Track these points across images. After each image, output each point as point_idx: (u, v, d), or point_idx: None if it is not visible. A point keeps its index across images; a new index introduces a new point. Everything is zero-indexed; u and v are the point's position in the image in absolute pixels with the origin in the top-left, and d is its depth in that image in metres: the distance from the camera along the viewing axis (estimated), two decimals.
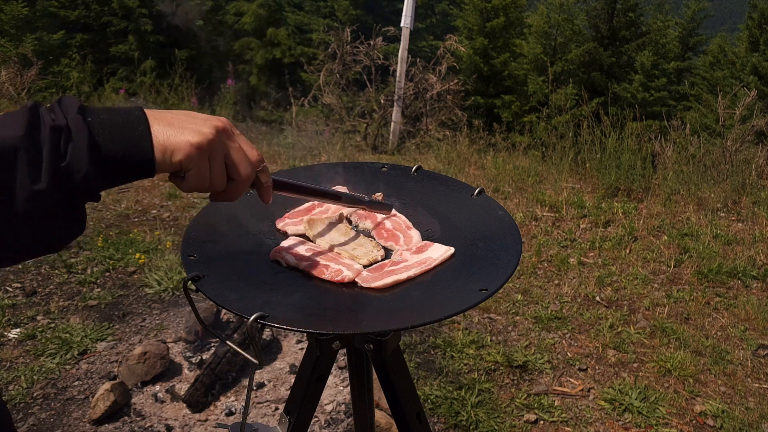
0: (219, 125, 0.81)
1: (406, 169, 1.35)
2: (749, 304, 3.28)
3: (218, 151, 0.80)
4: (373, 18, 11.28)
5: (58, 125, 0.69)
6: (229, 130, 0.83)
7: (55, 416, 2.28)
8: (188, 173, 0.78)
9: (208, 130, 0.79)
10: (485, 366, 2.67)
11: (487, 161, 5.58)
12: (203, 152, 0.78)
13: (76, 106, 0.72)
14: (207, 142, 0.78)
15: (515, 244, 1.05)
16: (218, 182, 0.82)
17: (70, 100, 0.73)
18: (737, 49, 11.69)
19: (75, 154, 0.69)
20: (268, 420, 2.28)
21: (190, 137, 0.77)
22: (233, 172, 0.83)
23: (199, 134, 0.77)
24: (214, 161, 0.80)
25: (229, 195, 0.85)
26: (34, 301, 2.98)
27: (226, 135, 0.82)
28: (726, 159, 5.29)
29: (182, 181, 0.80)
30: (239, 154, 0.83)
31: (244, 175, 0.84)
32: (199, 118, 0.81)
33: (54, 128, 0.69)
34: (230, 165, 0.82)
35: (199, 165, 0.78)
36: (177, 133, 0.77)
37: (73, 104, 0.72)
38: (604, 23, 11.25)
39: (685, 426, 2.42)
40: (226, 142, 0.81)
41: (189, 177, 0.79)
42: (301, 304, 0.94)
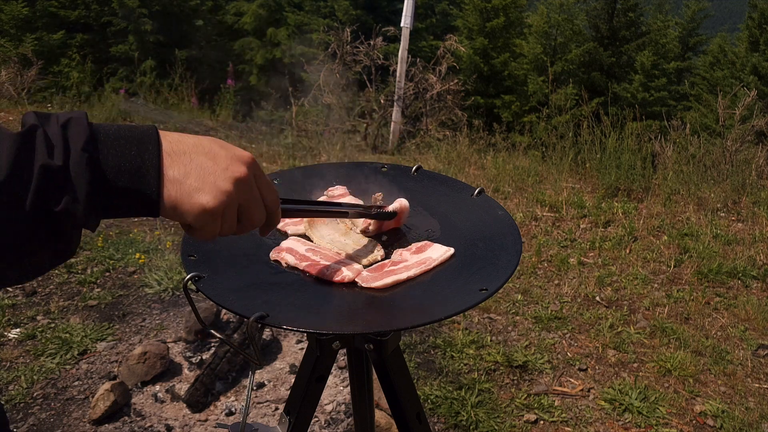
0: (240, 176, 0.73)
1: (406, 169, 1.35)
2: (749, 304, 3.28)
3: (234, 203, 0.73)
4: (373, 18, 11.28)
5: (54, 166, 0.59)
6: (250, 177, 0.74)
7: (55, 416, 2.28)
8: (197, 231, 0.73)
9: (227, 188, 0.71)
10: (485, 366, 2.67)
11: (487, 161, 5.58)
12: (215, 216, 0.71)
13: (83, 138, 0.61)
14: (223, 206, 0.71)
15: (515, 244, 1.05)
16: (228, 232, 0.76)
17: (77, 126, 0.62)
18: (737, 49, 11.69)
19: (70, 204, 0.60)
20: (268, 420, 2.28)
21: (205, 200, 0.69)
22: (244, 218, 0.77)
23: (215, 197, 0.69)
24: (226, 216, 0.73)
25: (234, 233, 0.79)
26: (34, 301, 2.98)
27: (246, 186, 0.74)
28: (726, 159, 5.29)
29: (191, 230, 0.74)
30: (255, 204, 0.76)
31: (255, 222, 0.78)
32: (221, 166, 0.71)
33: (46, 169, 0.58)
34: (243, 214, 0.76)
35: (210, 224, 0.72)
36: (192, 191, 0.68)
37: (81, 134, 0.62)
38: (604, 23, 11.25)
39: (685, 426, 2.42)
40: (244, 195, 0.74)
41: (197, 233, 0.73)
42: (301, 304, 0.94)
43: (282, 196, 1.25)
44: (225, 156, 0.73)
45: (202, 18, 13.60)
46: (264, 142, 6.12)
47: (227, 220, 0.74)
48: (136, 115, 6.45)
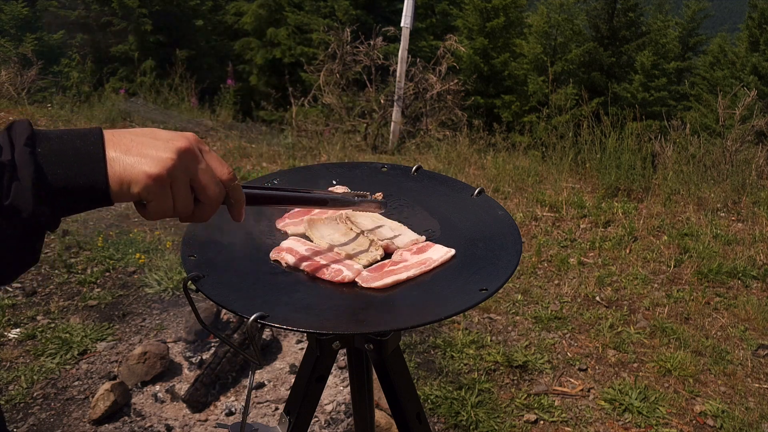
0: (182, 146, 0.75)
1: (406, 169, 1.35)
2: (749, 304, 3.28)
3: (181, 177, 0.74)
4: (373, 18, 11.28)
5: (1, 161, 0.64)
6: (194, 150, 0.76)
7: (55, 416, 2.28)
8: (149, 204, 0.74)
9: (169, 155, 0.72)
10: (485, 366, 2.67)
11: (487, 161, 5.58)
12: (163, 182, 0.72)
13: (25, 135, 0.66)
14: (166, 171, 0.72)
15: (515, 244, 1.05)
16: (184, 208, 0.76)
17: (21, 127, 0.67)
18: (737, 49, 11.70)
19: (19, 192, 0.64)
20: (268, 420, 2.28)
21: (148, 167, 0.71)
22: (200, 194, 0.77)
23: (157, 163, 0.72)
24: (177, 188, 0.74)
25: (198, 217, 0.80)
26: (34, 301, 2.98)
27: (191, 157, 0.75)
28: (726, 159, 5.29)
29: (144, 210, 0.75)
30: (206, 175, 0.77)
31: (212, 197, 0.78)
32: (161, 140, 0.74)
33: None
34: (197, 188, 0.77)
35: (160, 195, 0.73)
36: (134, 162, 0.71)
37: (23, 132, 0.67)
38: (604, 23, 11.26)
39: (685, 426, 2.42)
40: (190, 165, 0.75)
41: (150, 207, 0.74)
42: (301, 304, 0.94)
43: None
44: (166, 134, 0.76)
45: (202, 18, 13.60)
46: (264, 142, 6.12)
47: (179, 194, 0.75)
48: (136, 115, 6.46)
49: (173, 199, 0.74)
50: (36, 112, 6.39)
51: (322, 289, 0.97)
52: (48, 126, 5.89)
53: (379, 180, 1.32)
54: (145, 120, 6.34)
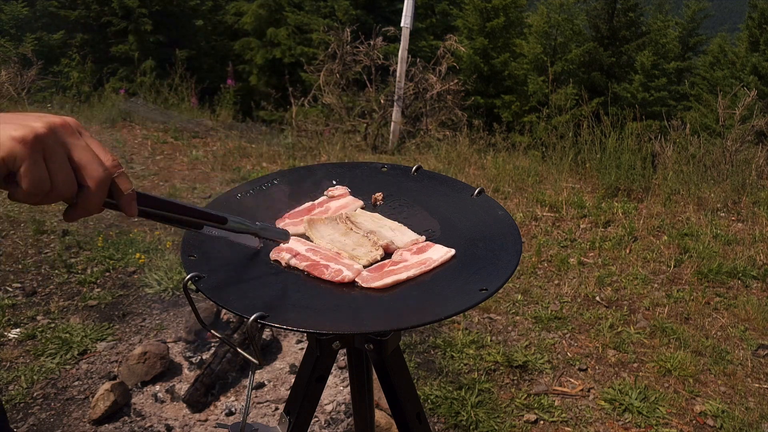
0: (57, 121, 0.71)
1: (406, 169, 1.35)
2: (749, 304, 3.28)
3: (55, 148, 0.70)
4: (373, 18, 11.27)
5: None
6: (72, 127, 0.73)
7: (55, 416, 2.28)
8: (19, 173, 0.68)
9: (39, 125, 0.69)
10: (485, 366, 2.67)
11: (487, 161, 5.58)
12: (30, 147, 0.67)
13: None
14: (34, 135, 0.67)
15: (515, 244, 1.05)
16: (63, 186, 0.71)
17: None
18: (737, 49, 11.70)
19: None
20: (268, 420, 2.28)
21: (13, 131, 0.67)
22: (82, 175, 0.72)
23: (24, 128, 0.67)
24: (51, 161, 0.69)
25: (84, 205, 0.74)
26: (34, 301, 2.98)
27: (67, 131, 0.71)
28: (726, 159, 5.29)
29: (16, 187, 0.69)
30: (87, 153, 0.73)
31: (95, 177, 0.73)
32: (33, 115, 0.71)
33: None
34: (77, 167, 0.72)
35: (29, 163, 0.67)
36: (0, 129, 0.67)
37: None
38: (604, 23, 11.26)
39: (685, 426, 2.42)
40: (66, 139, 0.71)
41: (21, 178, 0.68)
42: (301, 304, 0.94)
43: (281, 197, 1.25)
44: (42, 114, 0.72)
45: (202, 18, 13.60)
46: (264, 142, 6.12)
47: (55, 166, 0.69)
48: (136, 114, 6.46)
49: (49, 173, 0.69)
50: (36, 112, 6.38)
51: (322, 289, 0.97)
52: None
53: (379, 180, 1.32)
54: (145, 120, 6.33)
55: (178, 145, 5.73)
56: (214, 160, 5.24)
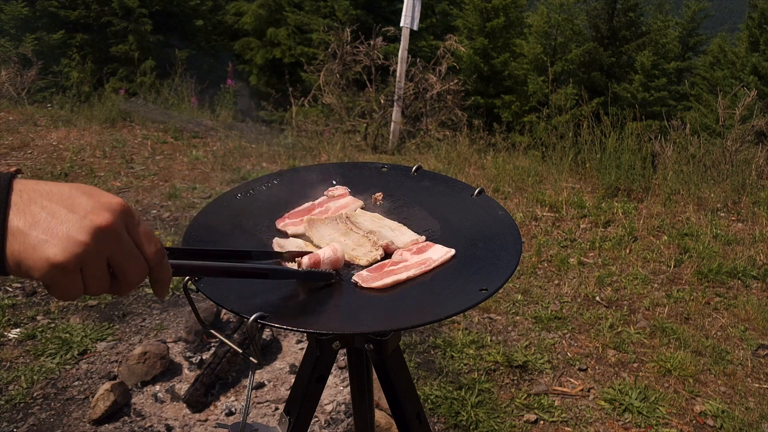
0: (102, 224, 0.62)
1: (406, 169, 1.35)
2: (749, 304, 3.28)
3: (96, 259, 0.63)
4: (373, 18, 11.28)
5: None
6: (117, 227, 0.64)
7: (55, 416, 2.28)
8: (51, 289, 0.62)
9: (82, 239, 0.61)
10: (485, 366, 2.67)
11: (487, 161, 5.58)
12: (69, 271, 0.61)
13: None
14: (75, 258, 0.60)
15: (515, 244, 1.05)
16: (96, 291, 0.65)
17: None
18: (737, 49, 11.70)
19: None
20: (268, 420, 2.28)
21: (52, 253, 0.59)
22: (119, 274, 0.67)
23: (65, 250, 0.60)
24: (88, 272, 0.63)
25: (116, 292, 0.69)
26: (34, 301, 2.98)
27: (112, 236, 0.64)
28: (726, 159, 5.29)
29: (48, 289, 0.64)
30: (128, 257, 0.66)
31: (130, 279, 0.67)
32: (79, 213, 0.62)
33: None
34: (115, 267, 0.66)
35: (63, 283, 0.62)
36: (37, 243, 0.59)
37: None
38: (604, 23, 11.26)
39: (685, 426, 2.42)
40: (109, 246, 0.64)
41: (53, 293, 0.63)
42: (301, 304, 0.94)
43: (280, 198, 1.25)
44: (86, 203, 0.63)
45: (202, 18, 13.60)
46: (264, 142, 6.12)
47: (92, 277, 0.64)
48: (136, 114, 6.45)
49: (84, 282, 0.64)
50: (36, 112, 6.39)
51: (322, 289, 0.97)
52: (48, 125, 5.89)
53: (379, 180, 1.32)
54: (145, 120, 6.33)
55: (178, 145, 5.73)
56: (214, 160, 5.24)
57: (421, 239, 1.10)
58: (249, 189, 1.27)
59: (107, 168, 4.86)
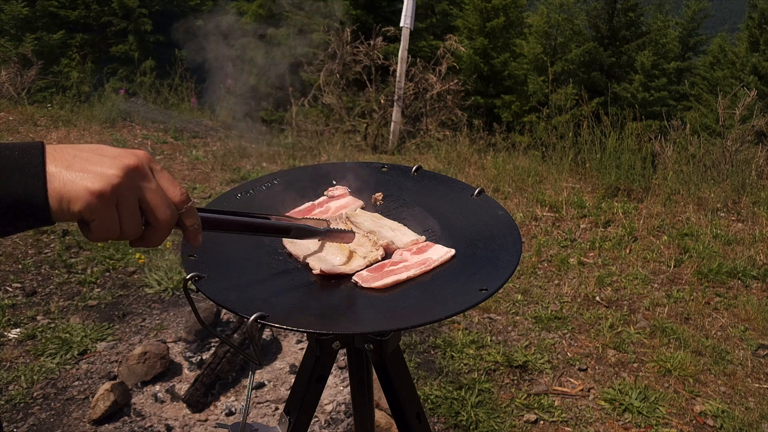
0: (131, 164, 0.70)
1: (406, 169, 1.35)
2: (749, 304, 3.28)
3: (128, 195, 0.70)
4: (373, 18, 11.27)
5: None
6: (144, 167, 0.72)
7: (55, 416, 2.28)
8: (92, 224, 0.68)
9: (114, 172, 0.68)
10: (485, 366, 2.67)
11: (487, 161, 5.58)
12: (107, 200, 0.67)
13: None
14: (111, 188, 0.67)
15: (515, 244, 1.05)
16: (131, 230, 0.72)
17: None
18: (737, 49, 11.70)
19: None
20: (268, 420, 2.28)
21: (90, 183, 0.66)
22: (150, 216, 0.73)
23: (101, 179, 0.67)
24: (123, 207, 0.70)
25: (149, 241, 0.75)
26: (34, 301, 2.98)
27: (140, 175, 0.71)
28: (726, 159, 5.29)
29: (88, 230, 0.70)
30: (157, 196, 0.73)
31: (162, 220, 0.74)
32: (108, 156, 0.70)
33: None
34: (146, 209, 0.72)
35: (104, 214, 0.68)
36: (76, 178, 0.66)
37: None
38: (604, 23, 11.27)
39: (685, 426, 2.42)
40: (139, 183, 0.71)
41: (93, 227, 0.69)
42: (301, 304, 0.94)
43: (280, 198, 1.25)
44: (113, 150, 0.71)
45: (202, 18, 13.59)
46: (264, 142, 6.12)
47: (126, 213, 0.70)
48: (136, 114, 6.45)
49: (120, 219, 0.70)
50: (36, 112, 6.39)
51: (322, 289, 0.97)
52: (48, 125, 5.89)
53: (379, 180, 1.32)
54: (145, 120, 6.33)
55: (178, 145, 5.73)
56: (214, 160, 5.24)
57: (421, 239, 1.10)
58: (249, 189, 1.27)
59: None
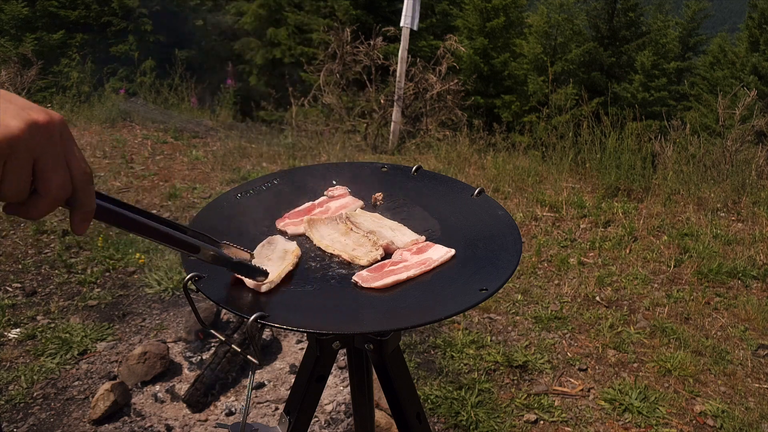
0: (39, 119, 0.60)
1: (406, 169, 1.35)
2: (749, 304, 3.28)
3: (23, 155, 0.59)
4: (373, 18, 11.27)
5: None
6: (54, 129, 0.62)
7: (55, 416, 2.28)
8: None
9: (17, 124, 0.58)
10: (485, 366, 2.67)
11: (487, 161, 5.58)
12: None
13: None
14: (5, 140, 0.57)
15: (515, 244, 1.05)
16: (14, 192, 0.61)
17: None
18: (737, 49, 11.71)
19: None
20: (268, 420, 2.28)
21: None
22: (41, 183, 0.62)
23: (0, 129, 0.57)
24: (13, 164, 0.59)
25: (27, 210, 0.63)
26: (34, 301, 2.98)
27: (46, 135, 0.61)
28: (726, 159, 5.29)
29: None
30: (56, 163, 0.62)
31: (53, 190, 0.62)
32: (16, 105, 0.60)
33: None
34: (39, 174, 0.61)
35: None
36: None
37: None
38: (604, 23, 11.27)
39: (685, 426, 2.42)
40: (40, 143, 0.60)
41: None
42: (301, 304, 0.94)
43: (280, 198, 1.25)
44: (25, 102, 0.62)
45: (202, 18, 13.60)
46: (264, 142, 6.12)
47: (14, 172, 0.59)
48: (136, 114, 6.45)
49: (2, 176, 0.59)
50: None
51: (322, 289, 0.97)
52: None
53: (379, 180, 1.32)
54: (145, 120, 6.33)
55: (178, 145, 5.73)
56: (214, 160, 5.24)
57: (421, 239, 1.10)
58: (249, 189, 1.27)
59: (107, 168, 4.86)
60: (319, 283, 0.99)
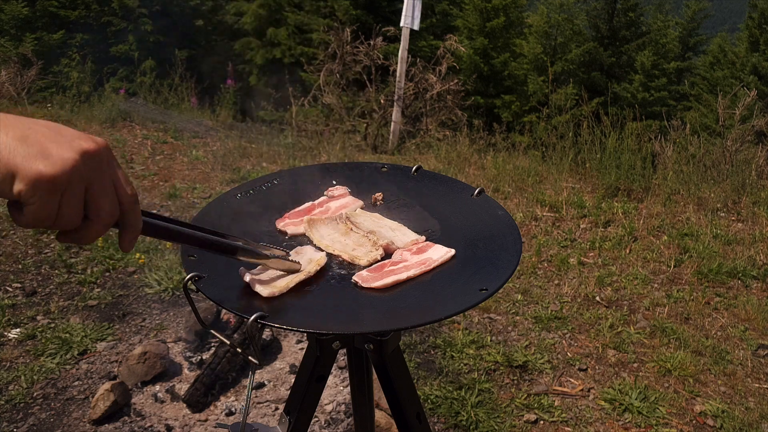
0: (90, 149, 0.63)
1: (406, 169, 1.35)
2: (749, 304, 3.28)
3: (78, 184, 0.62)
4: (373, 18, 11.27)
5: None
6: (103, 156, 0.65)
7: (55, 416, 2.28)
8: (27, 207, 0.60)
9: (72, 156, 0.61)
10: (485, 366, 2.67)
11: (487, 161, 5.58)
12: (56, 188, 0.60)
13: None
14: (65, 175, 0.60)
15: (515, 244, 1.05)
16: (69, 221, 0.63)
17: None
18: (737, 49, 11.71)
19: None
20: (268, 420, 2.28)
21: (44, 166, 0.59)
22: (92, 210, 0.65)
23: (56, 163, 0.59)
24: (68, 196, 0.62)
25: (80, 236, 0.66)
26: (34, 301, 2.98)
27: (96, 163, 0.64)
28: (726, 159, 5.29)
29: (19, 214, 0.61)
30: (105, 189, 0.65)
31: (105, 216, 0.66)
32: (66, 137, 0.62)
33: None
34: (90, 202, 0.64)
35: (46, 201, 0.60)
36: (28, 154, 0.59)
37: None
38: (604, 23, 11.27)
39: (685, 426, 2.42)
40: (92, 172, 0.63)
41: (28, 212, 0.61)
42: (301, 304, 0.94)
43: (281, 197, 1.25)
44: (73, 132, 0.64)
45: (202, 18, 13.61)
46: (264, 142, 6.12)
47: (69, 202, 0.62)
48: (135, 114, 6.45)
49: (59, 208, 0.62)
50: (36, 112, 6.39)
51: (322, 289, 0.97)
52: None
53: (379, 180, 1.32)
54: (145, 120, 6.33)
55: (178, 145, 5.73)
56: (214, 160, 5.24)
57: (421, 239, 1.10)
58: (249, 189, 1.27)
59: None
60: (319, 283, 0.99)
